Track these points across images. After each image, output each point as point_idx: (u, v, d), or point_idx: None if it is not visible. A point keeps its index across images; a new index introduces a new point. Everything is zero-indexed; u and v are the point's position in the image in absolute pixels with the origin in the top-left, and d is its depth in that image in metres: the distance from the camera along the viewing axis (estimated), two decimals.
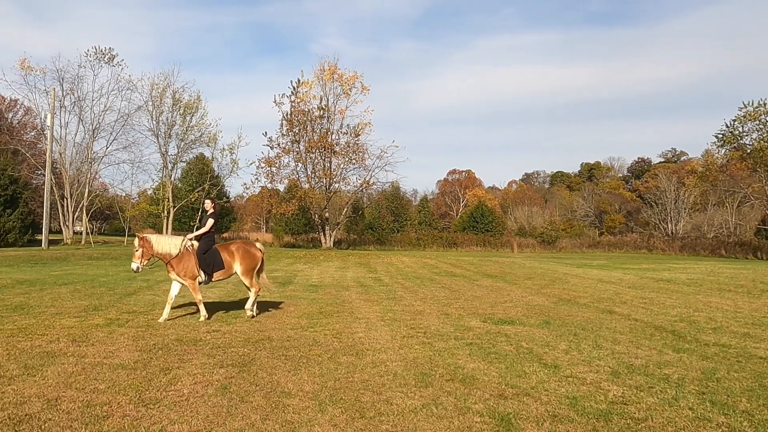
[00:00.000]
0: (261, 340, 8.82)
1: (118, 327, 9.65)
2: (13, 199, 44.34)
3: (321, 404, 5.82)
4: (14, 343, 8.14)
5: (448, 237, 66.99)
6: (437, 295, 15.83)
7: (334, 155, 56.30)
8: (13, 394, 5.82)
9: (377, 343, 8.84)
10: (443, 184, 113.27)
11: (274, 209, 60.22)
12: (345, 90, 55.88)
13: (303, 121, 55.87)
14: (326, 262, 31.26)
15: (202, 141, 57.40)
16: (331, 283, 18.87)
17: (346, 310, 12.36)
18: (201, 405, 5.68)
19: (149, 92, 55.13)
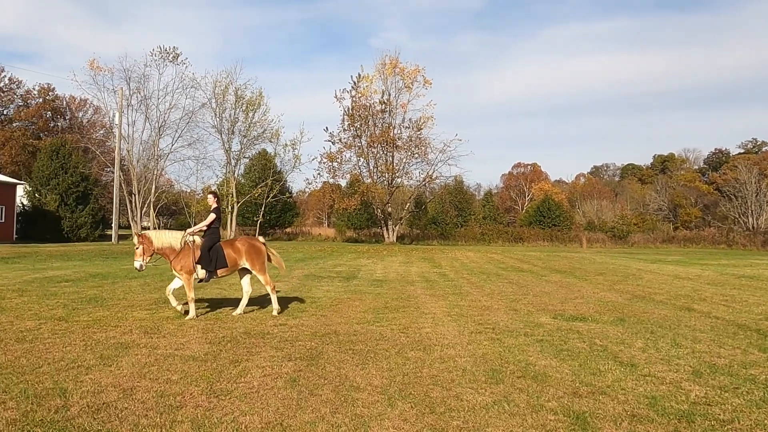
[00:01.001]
0: (328, 334, 8.93)
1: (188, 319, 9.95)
2: (85, 196, 46.40)
3: (390, 399, 5.83)
4: (90, 334, 8.51)
5: (513, 232, 66.11)
6: (504, 290, 15.65)
7: (396, 150, 56.43)
8: (90, 383, 6.08)
9: (445, 339, 8.81)
10: (508, 177, 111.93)
11: (336, 204, 60.90)
12: (407, 84, 55.90)
13: (364, 115, 56.22)
14: (390, 257, 31.37)
15: (264, 137, 58.65)
16: (396, 278, 18.93)
17: (412, 305, 12.37)
18: (271, 397, 5.79)
19: (212, 90, 56.67)
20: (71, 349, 7.52)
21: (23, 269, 18.89)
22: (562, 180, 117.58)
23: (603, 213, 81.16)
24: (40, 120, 73.19)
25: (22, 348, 7.53)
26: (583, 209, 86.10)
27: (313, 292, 14.24)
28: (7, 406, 5.24)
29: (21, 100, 74.55)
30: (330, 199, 62.16)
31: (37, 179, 45.63)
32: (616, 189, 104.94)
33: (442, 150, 55.17)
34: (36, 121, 73.01)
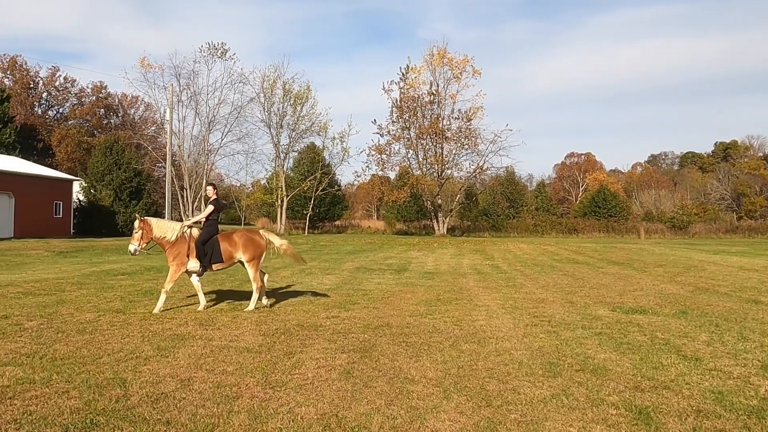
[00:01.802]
0: (380, 327, 8.96)
1: (241, 312, 10.14)
2: (138, 191, 47.71)
3: (446, 391, 5.82)
4: (147, 326, 8.75)
5: (567, 223, 65.11)
6: (560, 282, 15.42)
7: (445, 141, 56.20)
8: (149, 373, 6.26)
9: (499, 331, 8.74)
10: (561, 168, 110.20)
11: (385, 196, 61.06)
12: (455, 74, 55.55)
13: (413, 107, 56.13)
14: (441, 249, 31.30)
15: (312, 130, 59.24)
16: (447, 270, 18.87)
17: (465, 298, 12.32)
18: (326, 389, 5.85)
19: (261, 84, 57.52)
20: (129, 341, 7.76)
21: (81, 263, 19.58)
22: (617, 169, 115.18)
23: (661, 203, 79.10)
24: (93, 117, 75.58)
25: (82, 339, 7.81)
26: (640, 199, 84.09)
27: (364, 285, 14.32)
28: (71, 396, 5.44)
29: (75, 98, 77.13)
30: (379, 192, 62.36)
31: (92, 175, 47.11)
32: (675, 178, 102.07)
33: (493, 141, 54.74)
34: (90, 119, 75.42)
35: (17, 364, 6.49)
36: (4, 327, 8.47)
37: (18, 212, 36.68)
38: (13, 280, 14.17)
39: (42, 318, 9.26)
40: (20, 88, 70.41)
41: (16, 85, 70.38)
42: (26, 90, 72.22)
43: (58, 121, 74.12)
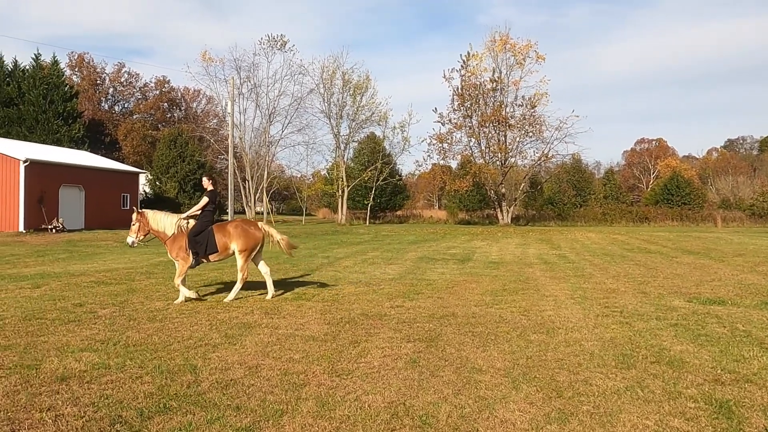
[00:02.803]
0: (446, 316, 8.96)
1: (306, 301, 10.32)
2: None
3: (514, 382, 5.78)
4: (214, 315, 9.01)
5: (638, 211, 63.34)
6: (631, 272, 15.05)
7: (508, 128, 55.52)
8: (218, 360, 6.45)
9: (569, 322, 8.62)
10: (630, 154, 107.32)
11: (447, 186, 60.82)
12: (518, 60, 54.72)
13: (474, 94, 55.62)
14: (505, 239, 30.99)
15: (372, 120, 59.47)
16: (513, 260, 18.68)
17: (532, 288, 12.18)
18: (392, 377, 5.90)
19: (320, 75, 58.08)
20: (198, 328, 8.01)
21: (149, 253, 20.24)
22: (691, 155, 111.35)
23: (740, 190, 76.05)
24: (157, 111, 78.04)
25: (153, 326, 8.11)
26: (716, 186, 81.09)
27: (427, 275, 14.33)
28: (144, 381, 5.67)
29: (140, 93, 79.79)
30: (441, 181, 62.15)
31: (157, 168, 48.74)
32: (755, 163, 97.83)
33: (558, 127, 53.72)
34: (154, 113, 77.91)
35: (93, 350, 6.79)
36: (79, 314, 8.88)
37: (88, 204, 38.29)
38: (85, 270, 14.81)
39: (114, 306, 9.66)
40: (88, 85, 73.32)
41: (84, 81, 73.30)
42: (93, 86, 75.13)
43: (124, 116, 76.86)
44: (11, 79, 51.72)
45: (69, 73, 69.40)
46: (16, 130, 48.53)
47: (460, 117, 56.74)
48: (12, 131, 48.06)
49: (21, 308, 9.35)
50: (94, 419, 4.68)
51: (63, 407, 4.92)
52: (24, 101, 50.44)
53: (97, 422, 4.62)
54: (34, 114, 49.99)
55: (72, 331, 7.77)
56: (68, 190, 37.18)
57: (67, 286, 11.88)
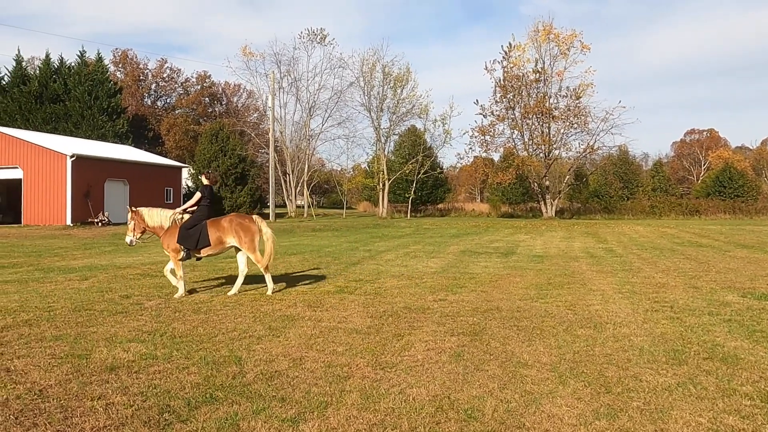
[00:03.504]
0: (490, 310, 8.93)
1: (348, 294, 10.39)
2: (243, 176, 49.72)
3: (561, 376, 5.73)
4: (258, 307, 9.15)
5: (688, 204, 61.87)
6: (682, 266, 14.73)
7: (552, 120, 54.76)
8: (262, 352, 6.55)
9: (617, 317, 8.49)
10: (680, 145, 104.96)
11: (489, 179, 60.40)
12: (562, 50, 53.86)
13: (517, 86, 55.00)
14: (549, 232, 30.66)
15: (413, 113, 59.34)
16: (557, 253, 18.47)
17: (578, 282, 12.03)
18: (436, 371, 5.91)
19: (360, 68, 58.20)
20: (242, 321, 8.14)
21: None
22: (744, 146, 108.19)
23: None
24: (199, 106, 79.32)
25: (198, 318, 8.27)
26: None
27: (470, 268, 14.28)
28: (190, 371, 5.79)
29: (182, 88, 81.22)
30: (483, 174, 61.78)
31: (199, 162, 49.48)
32: None
33: (604, 119, 52.72)
34: (195, 108, 79.21)
35: (140, 340, 6.97)
36: (126, 306, 9.11)
37: (132, 198, 39.17)
38: (131, 263, 15.18)
39: (160, 298, 9.88)
40: (131, 81, 74.95)
41: (128, 77, 74.95)
42: (136, 82, 76.75)
43: (166, 111, 78.36)
44: (58, 76, 53.16)
45: (113, 70, 71.07)
46: (63, 125, 49.88)
47: (503, 109, 56.19)
48: (59, 127, 49.41)
49: (70, 299, 9.65)
50: (143, 408, 4.81)
51: (113, 396, 5.07)
52: (70, 98, 51.80)
53: (146, 411, 4.74)
54: (79, 110, 51.30)
55: (120, 322, 7.98)
56: (113, 184, 38.11)
57: (113, 278, 12.21)
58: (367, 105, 58.99)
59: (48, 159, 35.04)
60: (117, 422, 4.52)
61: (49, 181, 34.99)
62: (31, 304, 9.25)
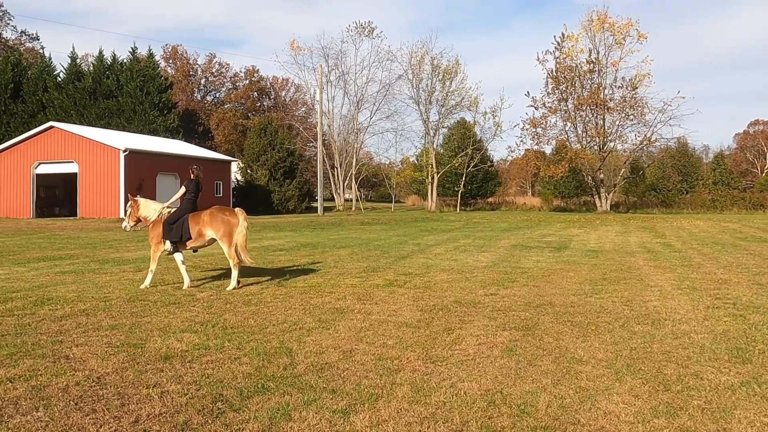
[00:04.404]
0: (542, 305, 8.84)
1: (398, 288, 10.42)
2: (291, 170, 50.29)
3: (617, 373, 5.64)
4: (307, 299, 9.26)
5: (752, 198, 59.87)
6: (745, 262, 14.30)
7: (607, 111, 53.77)
8: (312, 344, 6.63)
9: (676, 313, 8.30)
10: (743, 137, 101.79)
11: (541, 172, 59.66)
12: (617, 40, 52.81)
13: (570, 77, 54.18)
14: (604, 226, 30.13)
15: (462, 106, 59.17)
16: (613, 248, 18.14)
17: (634, 277, 11.80)
18: (488, 365, 5.89)
19: (408, 61, 58.24)
20: (292, 313, 8.26)
21: None
22: None
23: None
24: (247, 101, 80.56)
25: (249, 310, 8.42)
26: None
27: (521, 263, 14.14)
28: (242, 362, 5.90)
29: (230, 83, 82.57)
30: (534, 167, 61.01)
31: (248, 156, 50.31)
32: None
33: (662, 110, 51.52)
34: (244, 102, 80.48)
35: (193, 331, 7.14)
36: (178, 297, 9.35)
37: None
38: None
39: (211, 290, 10.10)
40: (181, 76, 76.56)
41: (178, 73, 76.57)
42: (186, 77, 78.38)
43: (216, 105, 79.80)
44: (110, 72, 54.64)
45: (163, 65, 72.71)
46: (116, 121, 51.27)
47: (555, 101, 55.43)
48: (112, 122, 50.81)
49: (125, 290, 9.95)
50: (197, 396, 4.93)
51: (168, 384, 5.21)
52: (122, 93, 53.19)
53: (200, 399, 4.86)
54: (131, 105, 52.64)
55: (173, 312, 8.19)
56: (164, 178, 39.02)
57: (166, 270, 12.52)
58: (416, 98, 59.01)
59: (102, 153, 36.10)
60: (172, 410, 4.65)
61: (103, 175, 36.05)
62: (87, 294, 9.58)
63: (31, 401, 4.78)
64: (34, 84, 52.59)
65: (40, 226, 27.83)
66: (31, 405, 4.71)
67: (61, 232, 23.98)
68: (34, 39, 75.83)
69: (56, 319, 7.73)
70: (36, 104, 51.69)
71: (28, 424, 4.34)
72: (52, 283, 10.65)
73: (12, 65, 53.02)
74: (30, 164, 37.29)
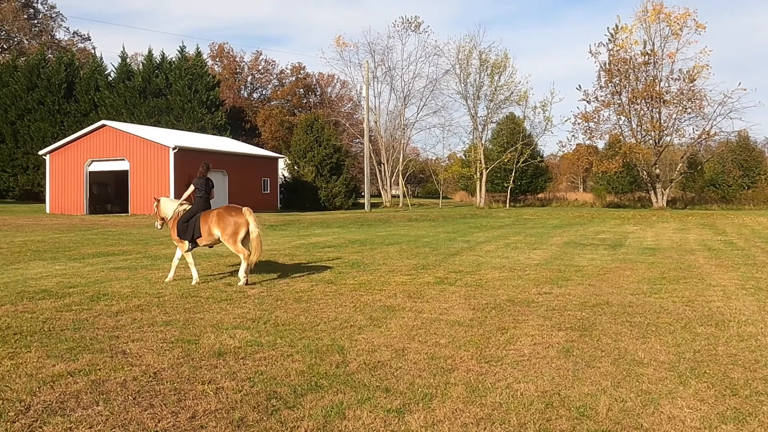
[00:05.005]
0: (599, 305, 8.68)
1: (448, 286, 10.37)
2: (338, 166, 50.55)
3: (681, 376, 5.50)
4: (357, 297, 9.29)
5: None
6: None
7: (663, 104, 52.52)
8: (364, 342, 6.64)
9: (741, 314, 8.06)
10: None
11: (594, 167, 58.65)
12: (674, 31, 51.46)
13: (624, 69, 53.08)
14: (660, 223, 29.45)
15: (511, 100, 58.52)
16: (671, 246, 17.72)
17: (695, 276, 11.50)
18: (544, 366, 5.81)
19: (456, 56, 57.94)
20: (342, 310, 8.29)
21: (290, 236, 21.21)
22: None
23: None
24: (294, 97, 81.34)
25: (299, 307, 8.49)
26: None
27: (575, 260, 13.92)
28: (294, 359, 5.96)
29: (276, 80, 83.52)
30: (586, 162, 59.96)
31: (295, 152, 50.75)
32: None
33: (722, 102, 50.05)
34: (290, 99, 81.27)
35: (245, 327, 7.24)
36: (230, 294, 9.49)
37: (231, 188, 40.68)
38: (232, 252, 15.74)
39: (262, 287, 10.21)
40: (228, 74, 77.75)
41: (225, 71, 77.79)
42: (233, 75, 79.55)
43: (262, 103, 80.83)
44: (160, 71, 55.80)
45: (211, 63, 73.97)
46: (165, 118, 52.36)
47: (608, 94, 54.36)
48: (161, 120, 51.91)
49: (178, 286, 10.16)
50: (251, 393, 4.99)
51: (222, 381, 5.29)
52: (171, 91, 54.29)
53: (255, 396, 4.92)
54: (180, 103, 53.69)
55: (225, 309, 8.32)
56: (213, 174, 39.32)
57: (216, 267, 12.73)
58: (464, 93, 58.63)
59: (152, 151, 36.89)
60: (227, 406, 4.72)
61: (154, 172, 36.85)
62: (141, 290, 9.80)
63: (91, 395, 4.92)
64: (87, 83, 54.09)
65: (93, 222, 28.63)
66: (91, 399, 4.84)
67: (114, 228, 24.61)
68: (86, 39, 78.14)
69: (112, 314, 7.93)
70: (88, 103, 53.18)
71: (89, 418, 4.46)
72: (106, 279, 10.94)
73: (65, 65, 54.65)
74: (83, 162, 38.35)
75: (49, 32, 73.03)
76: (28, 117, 52.05)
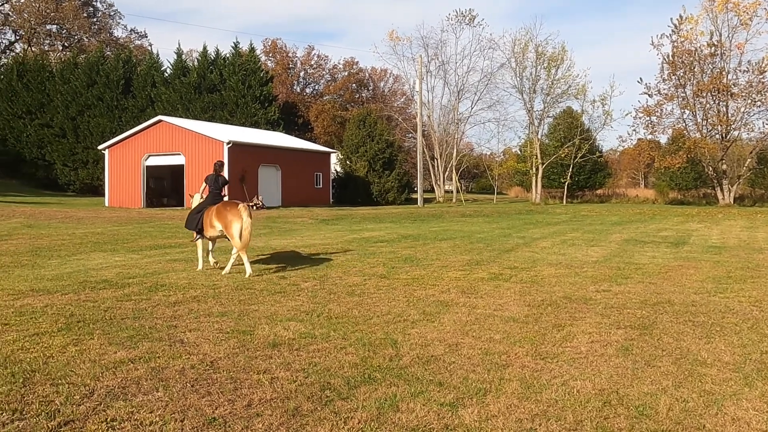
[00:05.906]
0: (660, 303, 8.52)
1: (503, 282, 10.32)
2: (390, 161, 50.73)
3: (746, 378, 5.38)
4: (410, 292, 9.34)
5: None
6: None
7: (731, 98, 50.82)
8: (417, 336, 6.69)
9: None
10: None
11: (655, 163, 57.33)
12: (743, 21, 49.68)
13: (689, 62, 51.53)
14: (727, 221, 28.62)
15: (569, 94, 57.71)
16: (738, 244, 17.22)
17: (763, 276, 11.16)
18: (602, 364, 5.75)
19: (511, 49, 57.42)
20: (396, 304, 8.36)
21: (342, 230, 21.42)
22: None
23: None
24: (346, 92, 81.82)
25: (352, 300, 8.59)
26: None
27: (635, 258, 13.67)
28: (348, 351, 6.04)
29: (329, 75, 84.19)
30: (648, 157, 58.68)
31: (347, 147, 51.14)
32: None
33: None
34: (343, 94, 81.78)
35: (299, 320, 7.37)
36: (283, 286, 9.66)
37: (284, 183, 41.26)
38: (285, 245, 16.03)
39: (315, 280, 10.36)
40: (281, 69, 78.71)
41: (278, 66, 78.76)
42: (286, 70, 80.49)
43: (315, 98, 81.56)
44: (214, 67, 56.89)
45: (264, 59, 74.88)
46: (219, 114, 53.37)
47: (671, 87, 52.90)
48: (216, 115, 52.93)
49: (232, 279, 10.40)
50: (305, 384, 5.09)
51: (277, 371, 5.42)
52: (225, 87, 55.28)
53: (309, 387, 5.03)
54: (234, 99, 54.62)
55: (278, 301, 8.48)
56: (266, 169, 40.29)
57: (270, 259, 12.96)
58: (519, 87, 58.05)
59: (207, 146, 37.67)
60: (282, 396, 4.83)
61: (208, 167, 37.30)
62: (197, 281, 10.08)
63: (151, 382, 5.10)
64: (143, 80, 55.54)
65: (150, 215, 29.43)
66: (151, 385, 5.02)
67: (170, 221, 25.25)
68: (143, 37, 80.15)
69: (170, 304, 8.18)
70: (145, 99, 54.61)
71: (150, 403, 4.64)
72: (164, 270, 11.28)
73: (123, 62, 56.23)
74: (140, 156, 39.43)
75: (107, 30, 75.27)
76: (87, 113, 53.74)
